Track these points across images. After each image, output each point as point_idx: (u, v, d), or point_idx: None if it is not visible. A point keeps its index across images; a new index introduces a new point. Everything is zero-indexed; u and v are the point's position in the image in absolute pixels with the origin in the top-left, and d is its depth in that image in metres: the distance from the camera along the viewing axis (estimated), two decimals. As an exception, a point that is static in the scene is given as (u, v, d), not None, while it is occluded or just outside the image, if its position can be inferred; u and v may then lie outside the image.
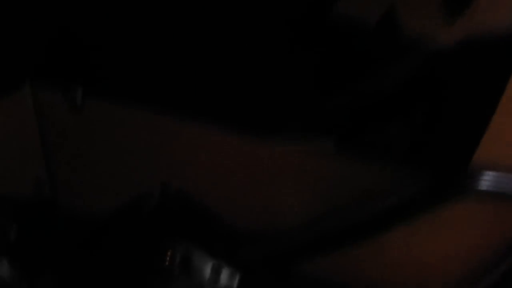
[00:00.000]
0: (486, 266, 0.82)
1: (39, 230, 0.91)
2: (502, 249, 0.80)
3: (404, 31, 0.77)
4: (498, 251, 0.80)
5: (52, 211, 0.89)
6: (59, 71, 0.82)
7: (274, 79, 0.82)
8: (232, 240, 0.92)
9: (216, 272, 0.92)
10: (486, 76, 0.76)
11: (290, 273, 0.87)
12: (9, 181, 0.87)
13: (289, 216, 0.85)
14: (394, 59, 0.80)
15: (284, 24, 0.82)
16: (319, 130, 0.82)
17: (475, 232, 0.81)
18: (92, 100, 0.81)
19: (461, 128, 0.79)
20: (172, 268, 0.91)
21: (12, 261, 0.90)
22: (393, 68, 0.80)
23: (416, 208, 0.80)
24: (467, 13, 0.73)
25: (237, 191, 0.86)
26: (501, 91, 0.73)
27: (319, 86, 0.83)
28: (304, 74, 0.83)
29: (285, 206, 0.84)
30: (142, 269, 0.93)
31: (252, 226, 0.88)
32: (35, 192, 0.87)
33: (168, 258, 0.91)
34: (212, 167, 0.84)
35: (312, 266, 0.86)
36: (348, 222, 0.83)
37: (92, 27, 0.84)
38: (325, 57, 0.82)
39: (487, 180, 0.75)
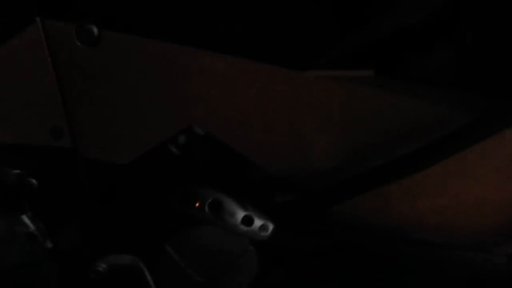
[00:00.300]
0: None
1: (59, 181, 0.86)
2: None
3: None
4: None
5: (73, 160, 0.83)
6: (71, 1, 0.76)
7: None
8: (263, 187, 0.87)
9: (247, 222, 0.87)
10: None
11: (323, 216, 0.82)
12: (25, 130, 0.82)
13: (323, 156, 0.79)
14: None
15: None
16: (359, 58, 0.75)
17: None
18: (109, 32, 0.74)
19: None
20: (200, 217, 0.87)
21: (34, 215, 0.86)
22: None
23: (461, 142, 0.73)
24: None
25: (268, 132, 0.80)
26: None
27: (357, 12, 0.76)
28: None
29: (319, 146, 0.78)
30: (168, 217, 0.88)
31: (284, 170, 0.82)
32: (54, 141, 0.82)
33: (196, 206, 0.86)
34: (242, 105, 0.78)
35: (345, 207, 0.80)
36: (387, 159, 0.77)
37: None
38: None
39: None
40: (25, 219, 0.85)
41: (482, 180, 0.79)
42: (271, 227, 0.87)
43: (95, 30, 0.74)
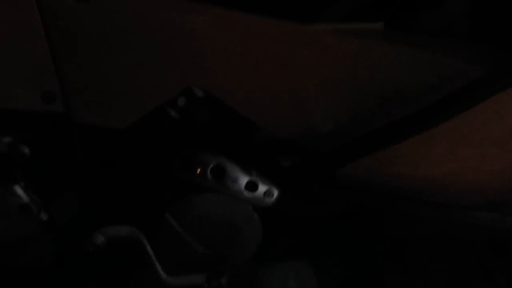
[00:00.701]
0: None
1: (53, 148, 0.82)
2: None
3: None
4: None
5: (67, 126, 0.79)
6: None
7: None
8: (267, 151, 0.83)
9: (251, 187, 0.83)
10: None
11: (333, 176, 0.79)
12: (16, 95, 0.78)
13: (329, 116, 0.75)
14: None
15: None
16: (367, 11, 0.70)
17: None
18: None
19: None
20: (202, 183, 0.83)
21: (27, 186, 0.82)
22: None
23: (476, 96, 0.69)
24: None
25: (272, 90, 0.76)
26: None
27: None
28: None
29: (325, 105, 0.74)
30: (168, 185, 0.85)
31: (289, 132, 0.79)
32: (46, 106, 0.77)
33: (197, 172, 0.82)
34: (240, 63, 0.73)
35: (354, 167, 0.77)
36: (398, 117, 0.73)
37: None
38: None
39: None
40: (18, 189, 0.81)
41: (492, 140, 0.77)
42: (276, 192, 0.84)
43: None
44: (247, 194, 0.83)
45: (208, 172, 0.82)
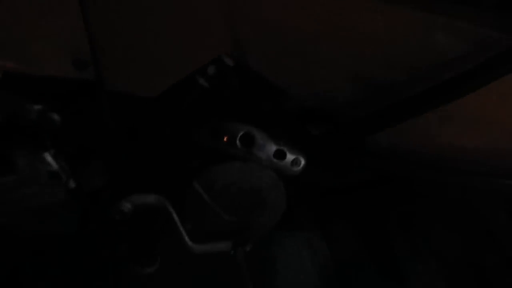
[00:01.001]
0: None
1: (83, 115, 0.82)
2: None
3: None
4: None
5: (97, 93, 0.80)
6: None
7: None
8: (296, 119, 0.84)
9: (279, 156, 0.84)
10: None
11: (361, 144, 0.79)
12: (48, 61, 0.78)
13: (361, 84, 0.76)
14: None
15: None
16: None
17: None
18: None
19: None
20: (231, 151, 0.84)
21: (56, 153, 0.83)
22: None
23: (507, 65, 0.70)
24: None
25: (303, 59, 0.76)
26: None
27: None
28: None
29: (358, 73, 0.75)
30: (195, 153, 0.86)
31: (318, 99, 0.79)
32: (77, 73, 0.78)
33: (226, 140, 0.83)
34: (272, 28, 0.73)
35: (385, 135, 0.78)
36: (429, 85, 0.74)
37: None
38: None
39: None
40: (48, 157, 0.82)
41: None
42: (303, 161, 0.85)
43: None
44: (275, 162, 0.84)
45: (237, 140, 0.83)
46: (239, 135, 0.83)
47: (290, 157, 0.84)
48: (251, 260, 0.93)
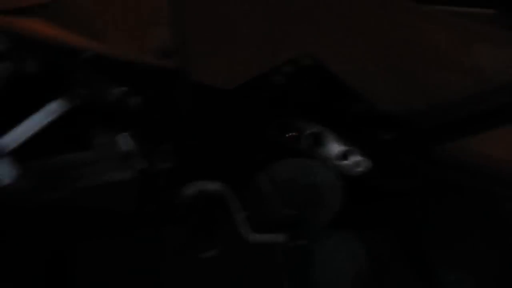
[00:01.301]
0: None
1: (162, 100, 0.87)
2: None
3: None
4: None
5: (177, 81, 0.84)
6: None
7: None
8: (366, 123, 0.86)
9: (343, 156, 0.87)
10: None
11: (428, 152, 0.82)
12: (134, 47, 0.82)
13: (439, 94, 0.79)
14: None
15: None
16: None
17: None
18: None
19: None
20: (297, 148, 0.87)
21: (134, 134, 0.87)
22: None
23: None
24: None
25: (378, 64, 0.79)
26: None
27: None
28: None
29: (438, 82, 0.78)
30: (261, 147, 0.89)
31: (396, 106, 0.82)
32: (161, 60, 0.82)
33: (293, 137, 0.86)
34: (355, 33, 0.76)
35: (453, 146, 0.80)
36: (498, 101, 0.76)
37: None
38: None
39: None
40: (126, 137, 0.86)
41: None
42: (366, 164, 0.88)
43: None
44: (338, 162, 0.87)
45: (304, 138, 0.86)
46: (306, 133, 0.86)
47: (354, 158, 0.87)
48: (289, 255, 0.95)
